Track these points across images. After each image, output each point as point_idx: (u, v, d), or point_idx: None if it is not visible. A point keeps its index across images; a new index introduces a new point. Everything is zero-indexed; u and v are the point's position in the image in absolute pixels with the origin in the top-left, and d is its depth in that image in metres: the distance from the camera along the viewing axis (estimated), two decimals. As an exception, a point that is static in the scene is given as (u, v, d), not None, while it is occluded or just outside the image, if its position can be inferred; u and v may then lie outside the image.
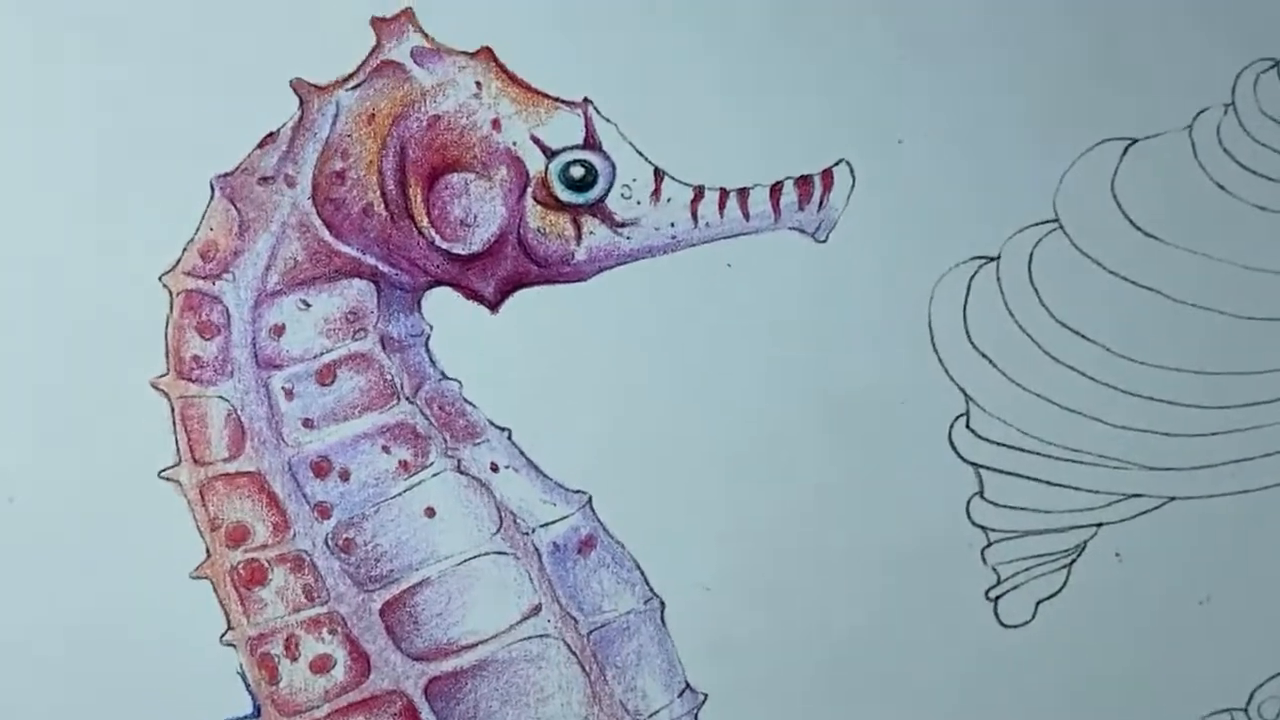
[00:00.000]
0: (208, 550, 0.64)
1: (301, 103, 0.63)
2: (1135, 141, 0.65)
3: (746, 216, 0.63)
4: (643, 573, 0.65)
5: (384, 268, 0.63)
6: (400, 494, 0.63)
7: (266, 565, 0.63)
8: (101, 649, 0.66)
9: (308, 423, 0.63)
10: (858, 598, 0.67)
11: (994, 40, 0.64)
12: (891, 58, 0.64)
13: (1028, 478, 0.66)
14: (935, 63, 0.64)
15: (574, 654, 0.64)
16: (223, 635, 0.64)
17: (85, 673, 0.66)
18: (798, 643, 0.67)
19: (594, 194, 0.62)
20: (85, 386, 0.65)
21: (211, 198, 0.64)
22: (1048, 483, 0.66)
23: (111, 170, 0.64)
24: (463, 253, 0.63)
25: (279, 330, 0.63)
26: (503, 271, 0.63)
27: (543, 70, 0.63)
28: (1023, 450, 0.66)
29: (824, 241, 0.64)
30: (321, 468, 0.63)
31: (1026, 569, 0.67)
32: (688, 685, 0.66)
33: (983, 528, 0.67)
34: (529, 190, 0.62)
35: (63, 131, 0.64)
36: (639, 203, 0.63)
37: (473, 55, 0.63)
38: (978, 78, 0.65)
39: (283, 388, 0.63)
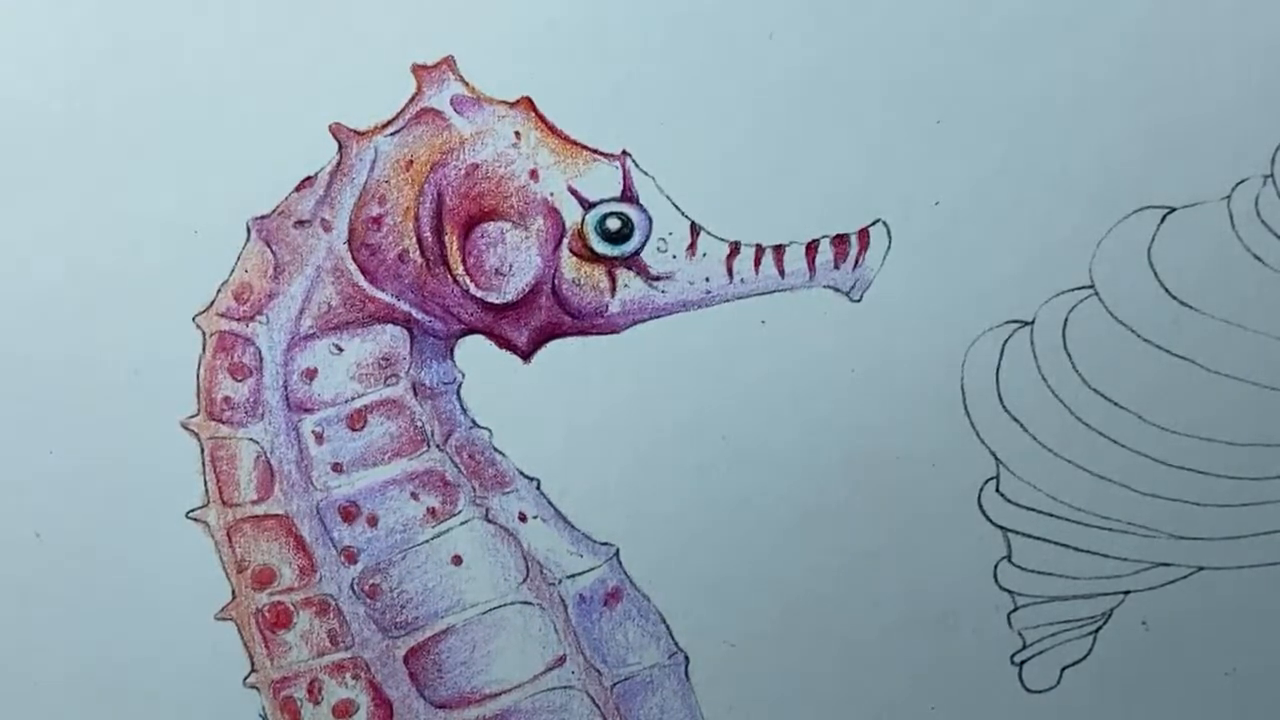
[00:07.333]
0: (233, 592, 0.64)
1: (340, 147, 0.63)
2: (1173, 210, 0.65)
3: (782, 274, 0.63)
4: (668, 627, 0.65)
5: (417, 314, 0.63)
6: (427, 541, 0.63)
7: (292, 608, 0.63)
8: (124, 688, 0.66)
9: (337, 467, 0.63)
10: (883, 658, 0.66)
11: (1033, 106, 0.64)
12: (930, 121, 0.64)
13: (1056, 543, 0.66)
14: (973, 126, 0.64)
15: (597, 706, 0.64)
16: (246, 677, 0.64)
17: (107, 712, 0.66)
18: (821, 702, 0.67)
19: (630, 247, 0.63)
20: (115, 425, 0.65)
21: (247, 240, 0.64)
22: (1076, 549, 0.66)
23: (148, 209, 0.64)
24: (496, 301, 0.63)
25: (311, 374, 0.63)
26: (536, 321, 0.63)
27: (582, 121, 0.64)
28: (1052, 515, 0.66)
29: (858, 301, 0.64)
30: (349, 512, 0.63)
31: (1053, 634, 0.66)
32: (709, 741, 0.66)
33: (1010, 592, 0.66)
34: (565, 241, 0.63)
35: (101, 171, 0.64)
36: (675, 257, 0.63)
37: (512, 105, 0.63)
38: (1016, 142, 0.64)
39: (313, 431, 0.63)
